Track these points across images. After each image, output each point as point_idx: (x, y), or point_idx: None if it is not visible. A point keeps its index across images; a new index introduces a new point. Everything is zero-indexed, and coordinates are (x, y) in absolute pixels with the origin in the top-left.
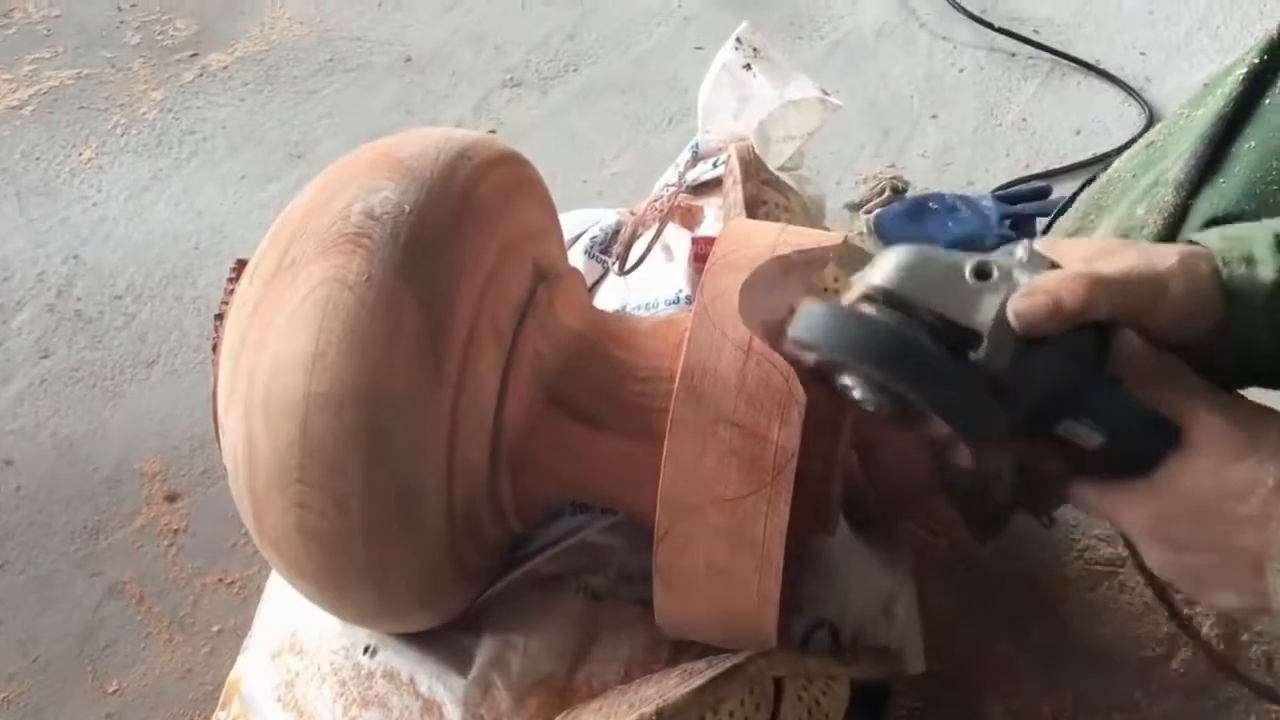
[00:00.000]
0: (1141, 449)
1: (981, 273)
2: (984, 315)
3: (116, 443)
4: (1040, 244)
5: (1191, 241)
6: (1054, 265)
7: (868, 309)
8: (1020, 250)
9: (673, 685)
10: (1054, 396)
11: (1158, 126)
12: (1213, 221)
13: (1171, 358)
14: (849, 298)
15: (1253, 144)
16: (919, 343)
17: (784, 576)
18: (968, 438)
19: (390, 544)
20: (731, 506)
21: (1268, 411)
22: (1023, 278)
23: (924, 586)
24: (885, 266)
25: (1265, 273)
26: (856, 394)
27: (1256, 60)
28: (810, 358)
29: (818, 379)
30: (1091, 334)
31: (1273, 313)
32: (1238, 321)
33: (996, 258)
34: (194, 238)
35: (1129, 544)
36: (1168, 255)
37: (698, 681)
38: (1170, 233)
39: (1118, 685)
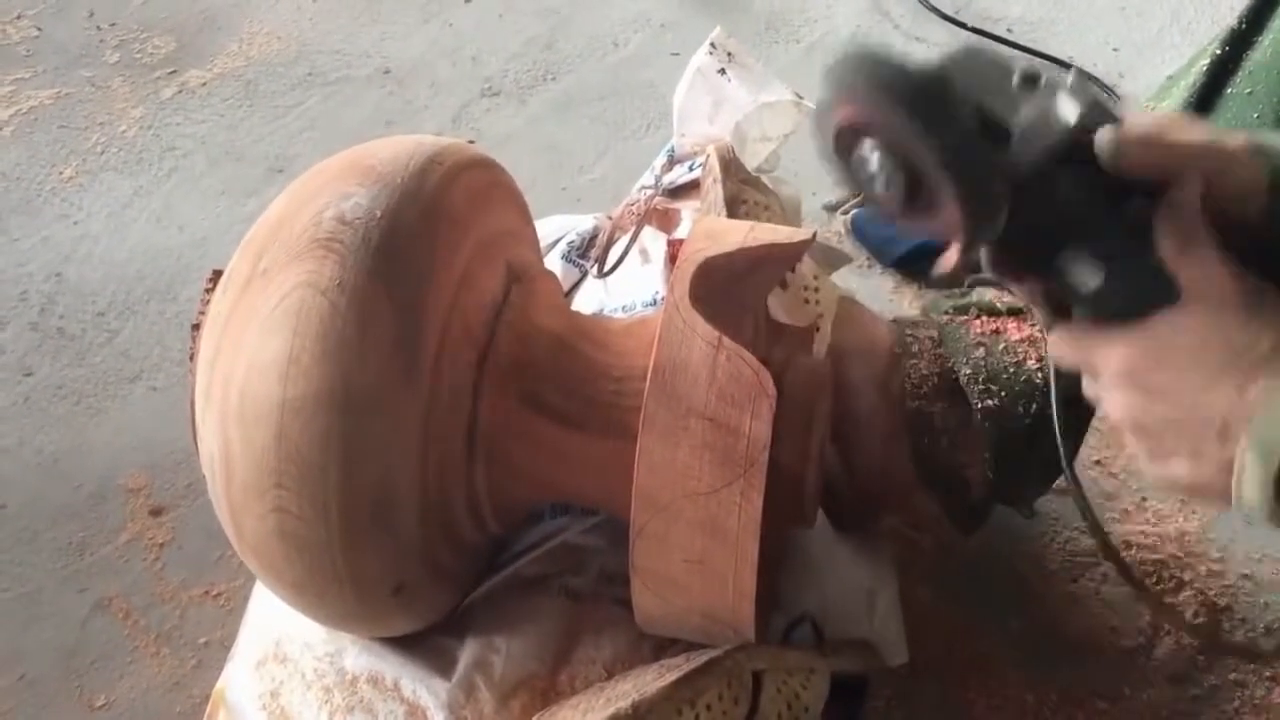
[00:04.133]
0: (1137, 298)
1: (1029, 79)
2: (1020, 117)
3: (101, 459)
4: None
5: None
6: (1099, 92)
7: None
8: (1071, 76)
9: (650, 680)
10: (1065, 218)
11: None
12: None
13: (1206, 226)
14: None
15: None
16: (950, 94)
17: (762, 571)
18: (969, 217)
19: (367, 546)
20: (705, 500)
21: (1277, 291)
22: (1065, 98)
23: (906, 579)
24: (939, 56)
25: None
26: (872, 167)
27: (1219, 51)
28: (839, 115)
29: (841, 149)
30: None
31: None
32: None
33: (1047, 72)
34: (175, 254)
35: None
36: (1236, 134)
37: (674, 675)
38: None
39: (1101, 675)
